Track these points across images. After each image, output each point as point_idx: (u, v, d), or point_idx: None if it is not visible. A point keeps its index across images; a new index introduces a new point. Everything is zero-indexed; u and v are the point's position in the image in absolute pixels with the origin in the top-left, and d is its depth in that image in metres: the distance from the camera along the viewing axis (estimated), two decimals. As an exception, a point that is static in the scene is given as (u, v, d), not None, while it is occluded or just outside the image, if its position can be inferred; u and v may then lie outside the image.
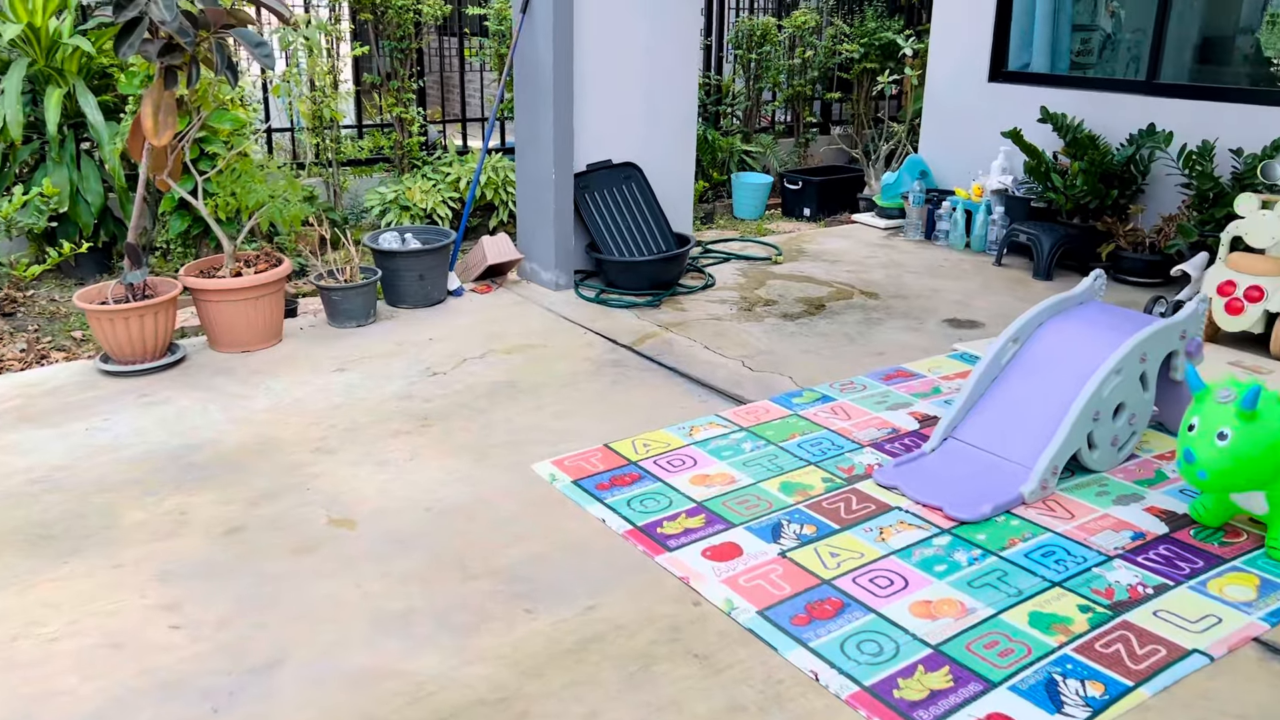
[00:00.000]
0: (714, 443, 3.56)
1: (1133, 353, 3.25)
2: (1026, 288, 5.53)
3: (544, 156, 5.16)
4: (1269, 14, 6.22)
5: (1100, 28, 6.76)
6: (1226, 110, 5.52)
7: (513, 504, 3.16)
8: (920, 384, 4.10)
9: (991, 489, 3.15)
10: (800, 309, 5.10)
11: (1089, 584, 2.72)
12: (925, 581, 2.73)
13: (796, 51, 8.47)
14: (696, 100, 5.79)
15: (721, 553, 2.87)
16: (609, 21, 5.24)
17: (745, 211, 7.53)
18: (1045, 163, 5.88)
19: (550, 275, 5.30)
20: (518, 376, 4.17)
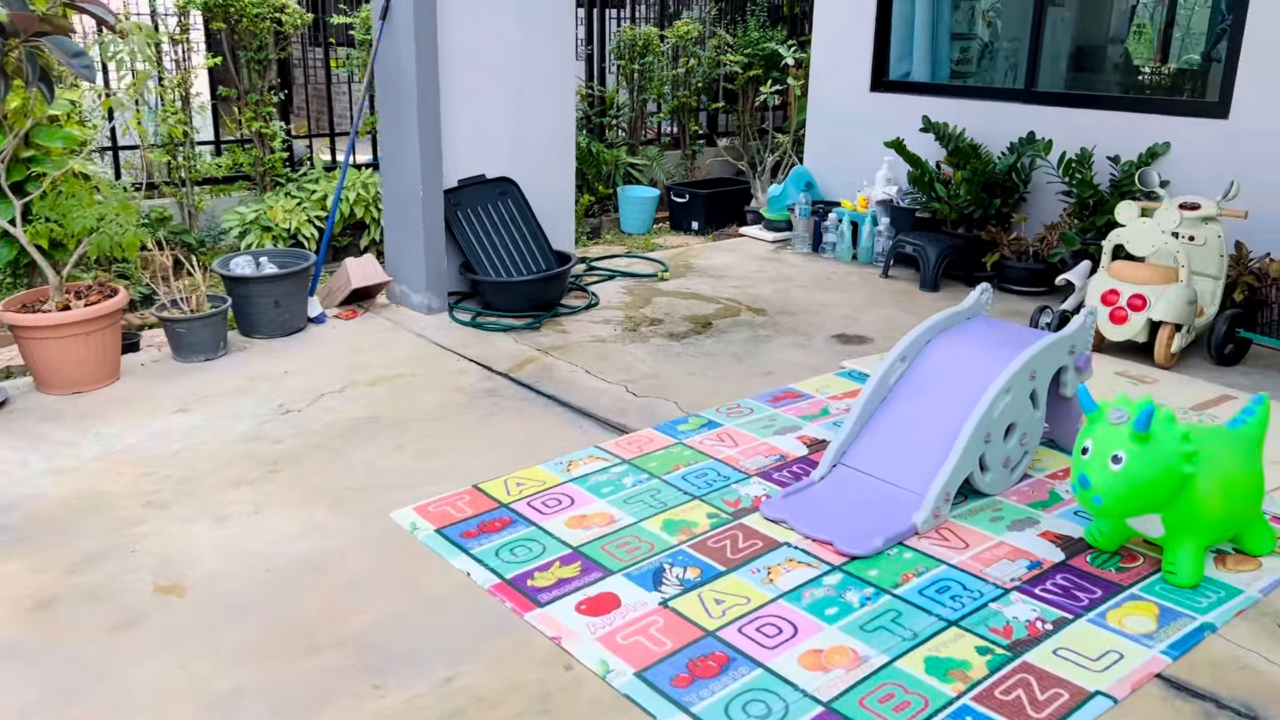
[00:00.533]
0: (593, 478, 3.31)
1: (1022, 370, 3.12)
2: (914, 300, 5.44)
3: (410, 172, 4.85)
4: (1135, 24, 6.33)
5: (978, 37, 6.78)
6: (1103, 118, 5.54)
7: (368, 559, 2.85)
8: (809, 405, 3.94)
9: (883, 519, 2.97)
10: (687, 328, 4.90)
11: (986, 621, 2.55)
12: (816, 627, 2.52)
13: (680, 62, 8.33)
14: (575, 112, 5.56)
15: (598, 605, 2.62)
16: (478, 30, 4.97)
17: (632, 226, 7.33)
18: (929, 172, 5.82)
19: (421, 298, 4.98)
20: (382, 411, 3.85)
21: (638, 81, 8.14)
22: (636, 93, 8.16)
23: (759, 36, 8.34)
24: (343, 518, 3.06)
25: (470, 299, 5.20)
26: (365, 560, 2.84)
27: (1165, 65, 6.11)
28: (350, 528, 3.01)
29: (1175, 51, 6.01)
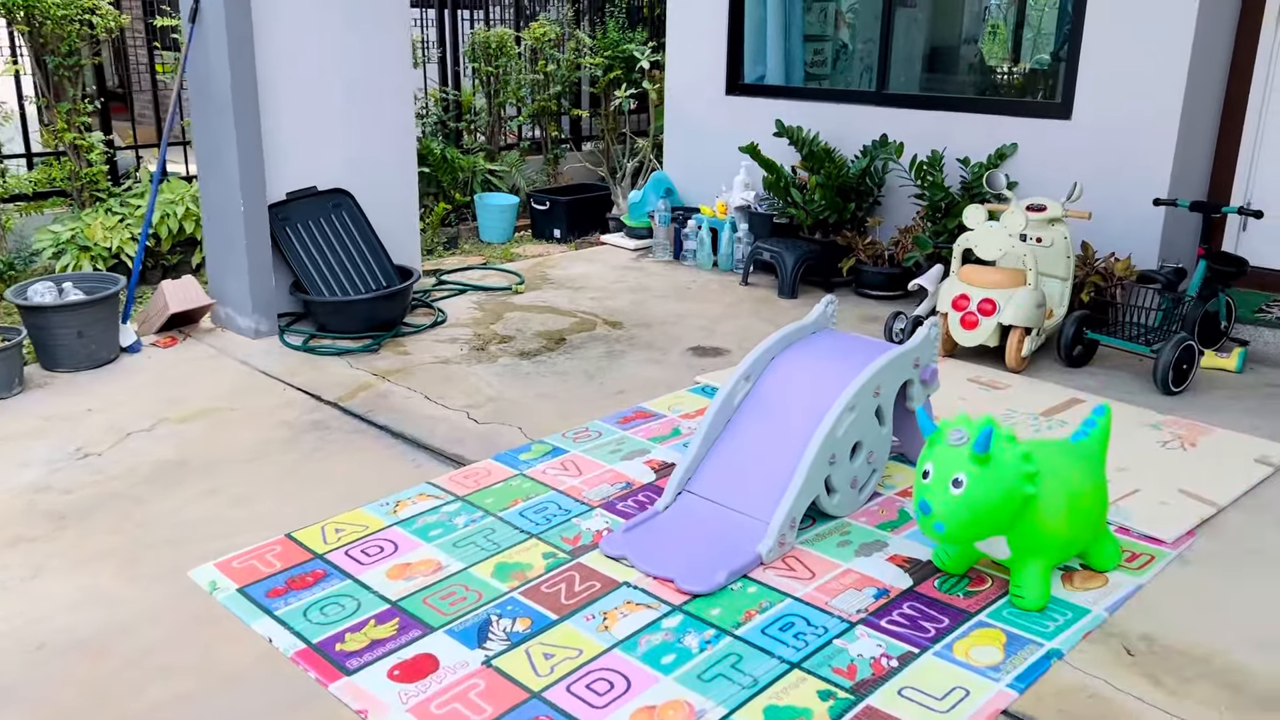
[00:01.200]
0: (421, 520, 3.06)
1: (866, 387, 3.01)
2: (772, 307, 5.34)
3: (229, 186, 4.49)
4: (989, 24, 6.38)
5: (831, 38, 6.74)
6: (953, 120, 5.54)
7: (160, 627, 2.54)
8: (659, 425, 3.76)
9: (727, 552, 2.81)
10: (539, 345, 4.67)
11: (830, 661, 2.41)
12: (650, 680, 2.33)
13: (538, 65, 8.09)
14: (414, 118, 5.26)
15: (413, 669, 2.37)
16: (302, 33, 4.64)
17: (492, 235, 7.06)
18: (784, 177, 5.74)
19: (248, 321, 4.62)
20: (193, 452, 3.51)
21: (494, 85, 7.87)
22: (494, 97, 7.88)
23: (619, 38, 8.16)
24: (133, 580, 2.73)
25: (304, 320, 4.85)
26: (154, 631, 2.52)
27: (1015, 66, 6.17)
28: (140, 593, 2.68)
29: (1026, 52, 6.08)
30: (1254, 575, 2.82)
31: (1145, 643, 2.50)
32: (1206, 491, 3.25)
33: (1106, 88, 4.98)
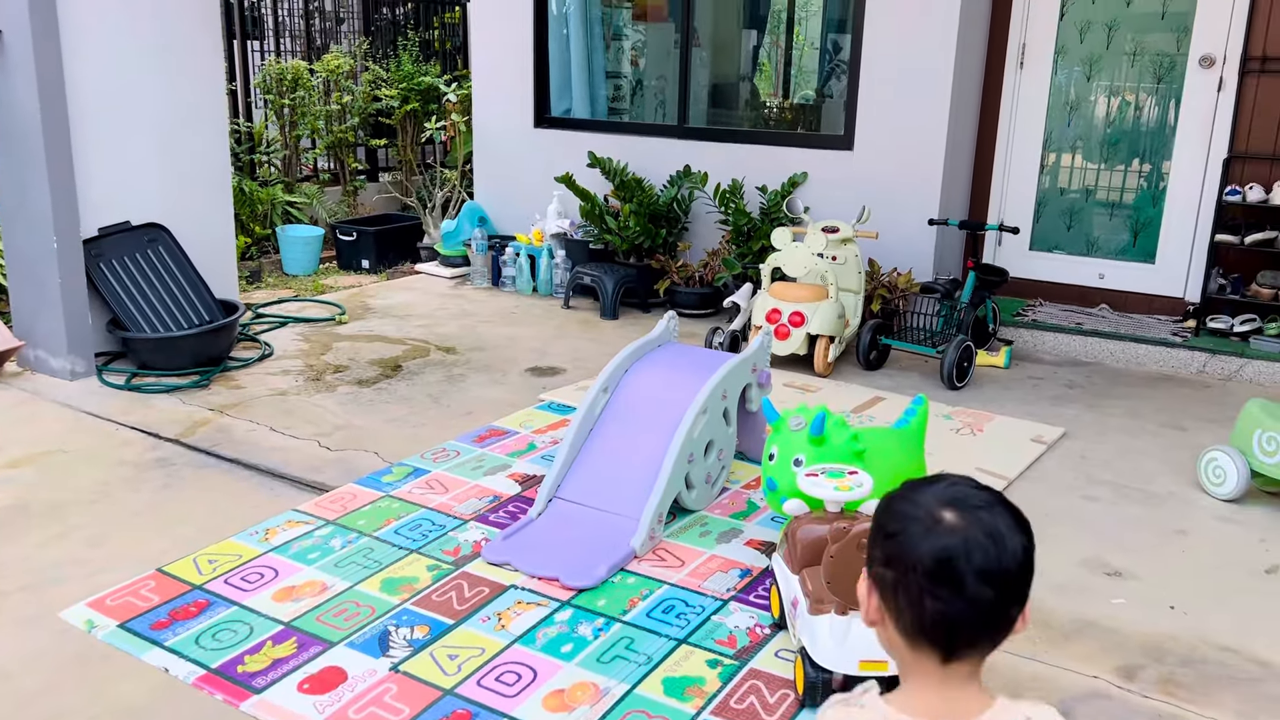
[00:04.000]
0: (296, 544, 3.08)
1: (714, 391, 3.31)
2: (597, 328, 5.61)
3: (40, 224, 4.28)
4: (764, 64, 6.96)
5: (628, 76, 7.14)
6: (750, 151, 6.03)
7: (39, 671, 2.46)
8: (515, 441, 3.92)
9: (603, 548, 3.02)
10: (376, 373, 4.71)
11: (712, 635, 2.67)
12: (555, 667, 2.51)
13: (333, 96, 8.04)
14: (228, 150, 5.18)
15: (322, 682, 2.43)
16: (112, 65, 4.50)
17: (296, 267, 6.94)
18: (598, 206, 6.04)
19: (63, 363, 4.40)
20: (31, 496, 3.35)
21: (289, 117, 7.75)
22: (289, 128, 7.76)
23: (413, 71, 8.24)
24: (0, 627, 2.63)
25: (122, 359, 4.66)
26: (35, 675, 2.45)
27: (796, 102, 6.76)
28: (10, 639, 2.58)
29: (808, 89, 6.68)
30: (1043, 534, 3.27)
31: (968, 594, 2.92)
32: (998, 468, 3.77)
33: (882, 123, 5.61)
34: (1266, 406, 3.53)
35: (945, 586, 1.15)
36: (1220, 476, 3.56)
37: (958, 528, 1.16)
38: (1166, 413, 4.45)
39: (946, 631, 1.17)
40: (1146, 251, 5.67)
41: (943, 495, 1.20)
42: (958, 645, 1.18)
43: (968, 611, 1.15)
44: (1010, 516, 1.20)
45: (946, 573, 1.14)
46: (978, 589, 1.14)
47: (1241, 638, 2.73)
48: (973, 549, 1.14)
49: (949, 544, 1.15)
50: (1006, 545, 1.16)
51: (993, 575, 1.14)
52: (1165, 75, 5.50)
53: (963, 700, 1.20)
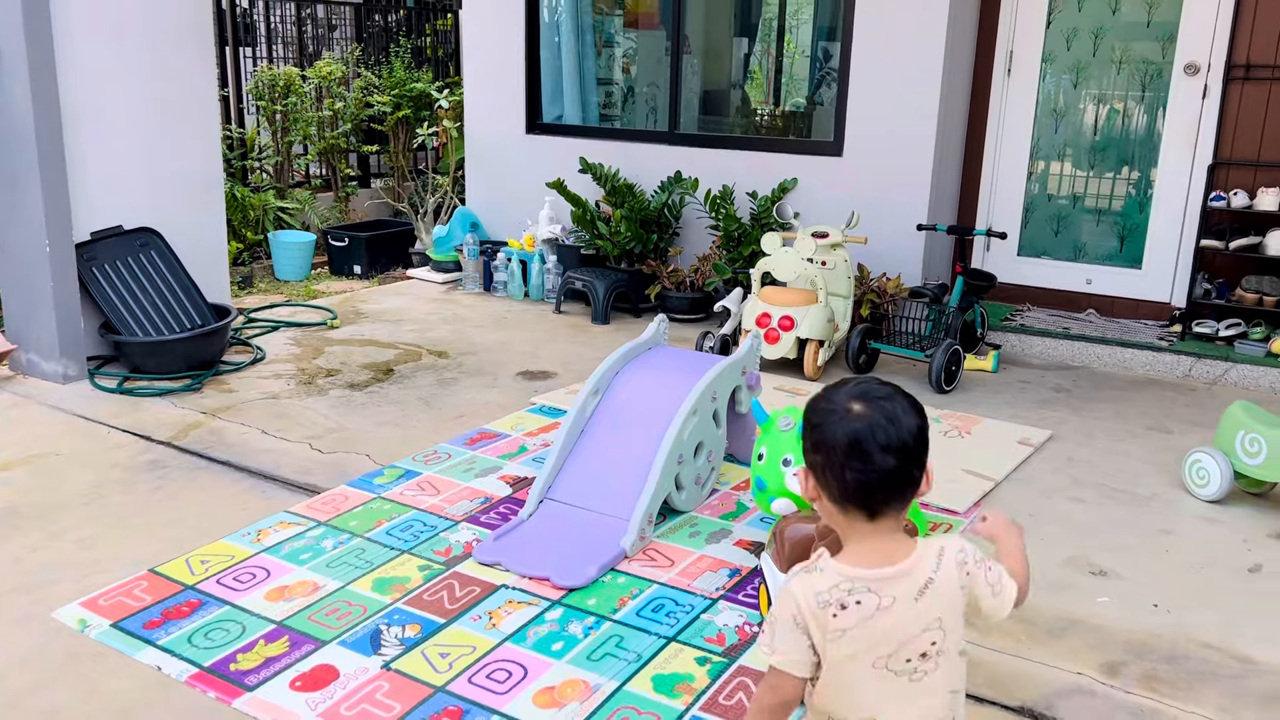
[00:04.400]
0: (288, 545, 3.10)
1: (704, 393, 3.34)
2: (588, 333, 5.64)
3: (33, 228, 4.30)
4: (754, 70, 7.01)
5: (619, 83, 7.18)
6: (740, 157, 6.08)
7: (32, 669, 2.48)
8: (506, 444, 3.95)
9: (594, 548, 3.05)
10: (367, 376, 4.73)
11: (701, 633, 2.70)
12: (545, 665, 2.53)
13: (325, 103, 8.06)
14: (220, 155, 5.20)
15: (314, 680, 2.45)
16: (105, 70, 4.52)
17: (288, 273, 6.96)
18: (590, 211, 6.07)
19: (55, 366, 4.42)
20: (23, 499, 3.37)
21: (281, 123, 7.77)
22: (281, 135, 7.79)
23: (406, 78, 8.27)
24: (-10, 628, 2.64)
25: (114, 363, 4.68)
26: (28, 672, 2.46)
27: (790, 109, 6.81)
28: (3, 638, 2.60)
29: (796, 96, 6.73)
30: (1029, 534, 3.31)
31: (955, 593, 2.95)
32: (985, 470, 3.81)
33: (871, 130, 5.65)
34: (1249, 408, 3.57)
35: (858, 460, 1.47)
36: (1204, 478, 3.60)
37: (864, 415, 1.49)
38: (1152, 416, 4.50)
39: (865, 495, 1.49)
40: (1133, 257, 5.73)
41: (851, 392, 1.54)
42: (876, 504, 1.49)
43: (879, 477, 1.47)
44: (906, 402, 1.53)
45: (858, 450, 1.47)
46: (883, 459, 1.47)
47: (1224, 635, 2.76)
48: (876, 429, 1.48)
49: (858, 428, 1.48)
50: (903, 424, 1.49)
51: (894, 448, 1.47)
52: (1151, 82, 5.56)
53: (892, 548, 1.52)
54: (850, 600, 1.48)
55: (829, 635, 1.48)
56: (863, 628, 1.47)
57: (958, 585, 1.53)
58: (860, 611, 1.48)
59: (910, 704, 1.50)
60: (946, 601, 1.51)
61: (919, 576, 1.51)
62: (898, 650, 1.49)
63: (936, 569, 1.52)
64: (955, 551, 1.55)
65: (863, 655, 1.48)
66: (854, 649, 1.48)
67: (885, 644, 1.49)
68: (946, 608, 1.51)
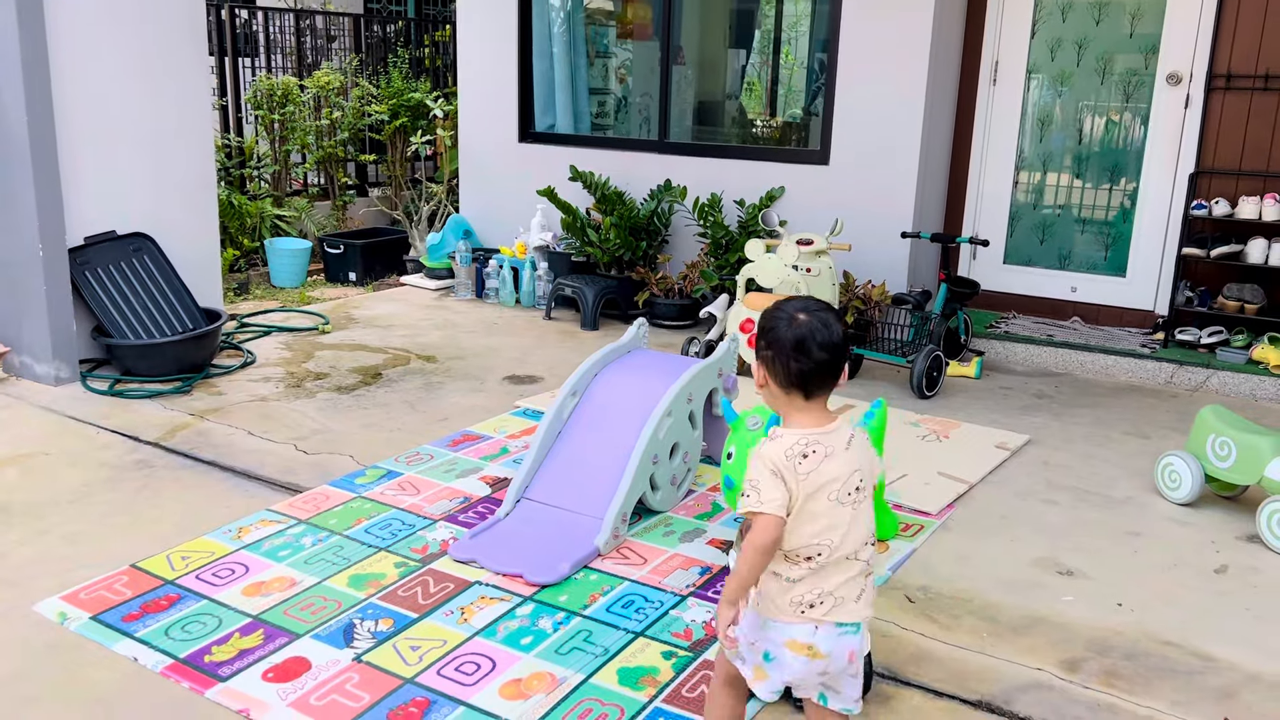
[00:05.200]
0: (267, 543, 3.16)
1: (680, 395, 3.39)
2: (577, 338, 5.70)
3: (25, 231, 4.38)
4: (747, 82, 7.08)
5: (612, 92, 7.26)
6: (728, 166, 6.14)
7: (12, 660, 2.53)
8: (488, 445, 4.00)
9: (568, 546, 3.10)
10: (355, 380, 4.80)
11: (669, 628, 2.74)
12: (513, 658, 2.58)
13: (323, 112, 8.15)
14: (214, 162, 5.28)
15: (286, 671, 2.50)
16: (98, 77, 4.60)
17: (284, 279, 7.03)
18: (580, 219, 6.14)
19: (47, 368, 4.49)
20: (11, 497, 3.43)
21: (279, 132, 7.86)
22: (279, 143, 7.87)
23: (403, 87, 8.37)
24: (-28, 620, 2.70)
25: (106, 365, 4.75)
26: (8, 663, 2.52)
27: (777, 119, 6.88)
28: (-17, 629, 2.65)
29: (785, 106, 6.80)
30: (999, 535, 3.40)
31: (922, 592, 3.00)
32: (960, 473, 3.85)
33: (857, 139, 5.72)
34: (1219, 412, 3.61)
35: (801, 355, 1.91)
36: (1176, 481, 3.64)
37: (806, 322, 1.92)
38: (1131, 421, 4.54)
39: (804, 380, 1.92)
40: (1118, 265, 5.78)
41: (796, 306, 1.97)
42: (812, 388, 1.94)
43: (815, 368, 1.91)
44: (834, 315, 1.96)
45: (801, 347, 1.91)
46: (819, 354, 1.90)
47: (1185, 633, 2.80)
48: (815, 332, 1.91)
49: (801, 331, 1.91)
50: (834, 330, 1.93)
51: (826, 346, 1.91)
52: (1134, 92, 5.62)
53: (823, 416, 1.97)
54: (809, 450, 1.91)
55: (799, 477, 1.89)
56: (819, 470, 1.90)
57: (868, 443, 2.02)
58: (816, 458, 1.91)
59: (854, 525, 1.94)
60: (863, 453, 1.98)
61: (845, 433, 1.96)
62: (842, 486, 1.92)
63: (854, 430, 2.00)
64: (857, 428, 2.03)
65: (821, 492, 1.91)
66: (814, 487, 1.90)
67: (834, 481, 1.91)
68: (863, 458, 1.97)
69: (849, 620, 1.95)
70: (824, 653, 1.94)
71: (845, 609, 1.95)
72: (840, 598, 1.95)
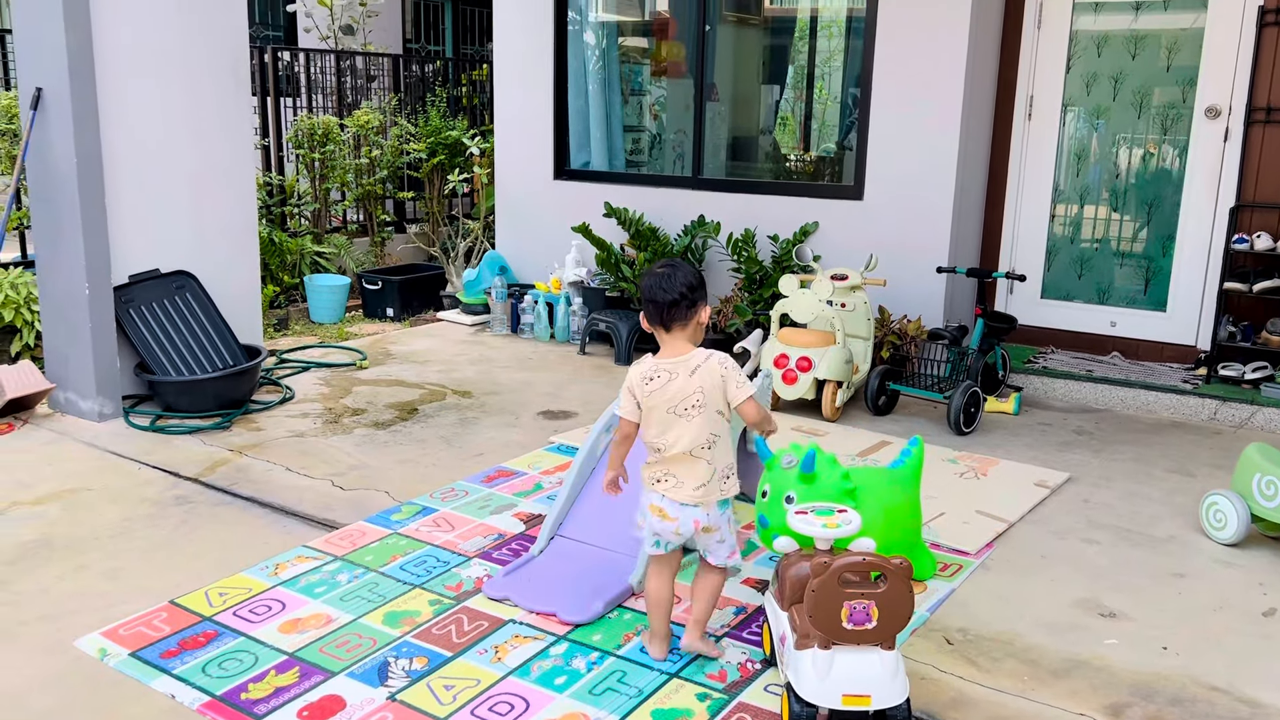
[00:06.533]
0: (304, 579, 3.18)
1: (714, 432, 3.38)
2: (611, 373, 5.71)
3: (74, 271, 4.48)
4: (780, 117, 7.11)
5: (647, 129, 7.33)
6: (762, 201, 6.16)
7: (52, 695, 2.56)
8: (522, 482, 4.01)
9: (601, 584, 3.09)
10: (392, 415, 4.84)
11: (703, 669, 2.72)
12: (547, 699, 2.57)
13: (362, 150, 8.29)
14: (256, 201, 5.38)
15: (321, 710, 2.51)
16: (145, 119, 4.72)
17: (323, 315, 7.13)
18: (614, 255, 6.18)
19: (92, 404, 4.57)
20: (55, 532, 3.48)
21: (319, 170, 8.00)
22: (319, 181, 8.01)
23: (441, 125, 8.50)
24: (17, 654, 2.74)
25: (148, 401, 4.83)
26: (48, 698, 2.55)
27: (808, 153, 6.91)
28: (26, 663, 2.69)
29: (815, 141, 6.83)
30: (1040, 575, 3.34)
31: (961, 634, 2.95)
32: (999, 511, 3.80)
33: (891, 174, 5.72)
34: (1265, 451, 3.54)
35: (652, 299, 2.62)
36: (1221, 521, 3.57)
37: (656, 274, 2.63)
38: (1174, 459, 4.46)
39: (661, 317, 2.63)
40: (1158, 299, 5.71)
41: (654, 266, 2.67)
42: (667, 323, 2.63)
43: (664, 308, 2.61)
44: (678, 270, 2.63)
45: (650, 293, 2.62)
46: (664, 296, 2.59)
47: (1233, 679, 2.73)
48: (660, 281, 2.61)
49: (650, 281, 2.63)
50: (676, 278, 2.61)
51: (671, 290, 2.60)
52: (1172, 126, 5.58)
53: (681, 348, 2.64)
54: (654, 375, 2.62)
55: (644, 395, 2.62)
56: (661, 390, 2.60)
57: (718, 374, 2.61)
58: (659, 381, 2.61)
59: (685, 430, 2.59)
60: (707, 379, 2.59)
61: (692, 363, 2.61)
62: (679, 402, 2.59)
63: (704, 360, 2.62)
64: (721, 357, 2.64)
65: (661, 405, 2.60)
66: (655, 402, 2.60)
67: (673, 399, 2.59)
68: (708, 383, 2.59)
69: (686, 501, 2.62)
70: (672, 517, 2.63)
71: (683, 491, 2.62)
72: (681, 481, 2.62)
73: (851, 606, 2.35)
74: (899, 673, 2.38)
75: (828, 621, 2.36)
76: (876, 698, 2.35)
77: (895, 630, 2.38)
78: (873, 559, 2.37)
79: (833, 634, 2.36)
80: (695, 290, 2.60)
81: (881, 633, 2.37)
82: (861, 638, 2.36)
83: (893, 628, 2.37)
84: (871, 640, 2.37)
